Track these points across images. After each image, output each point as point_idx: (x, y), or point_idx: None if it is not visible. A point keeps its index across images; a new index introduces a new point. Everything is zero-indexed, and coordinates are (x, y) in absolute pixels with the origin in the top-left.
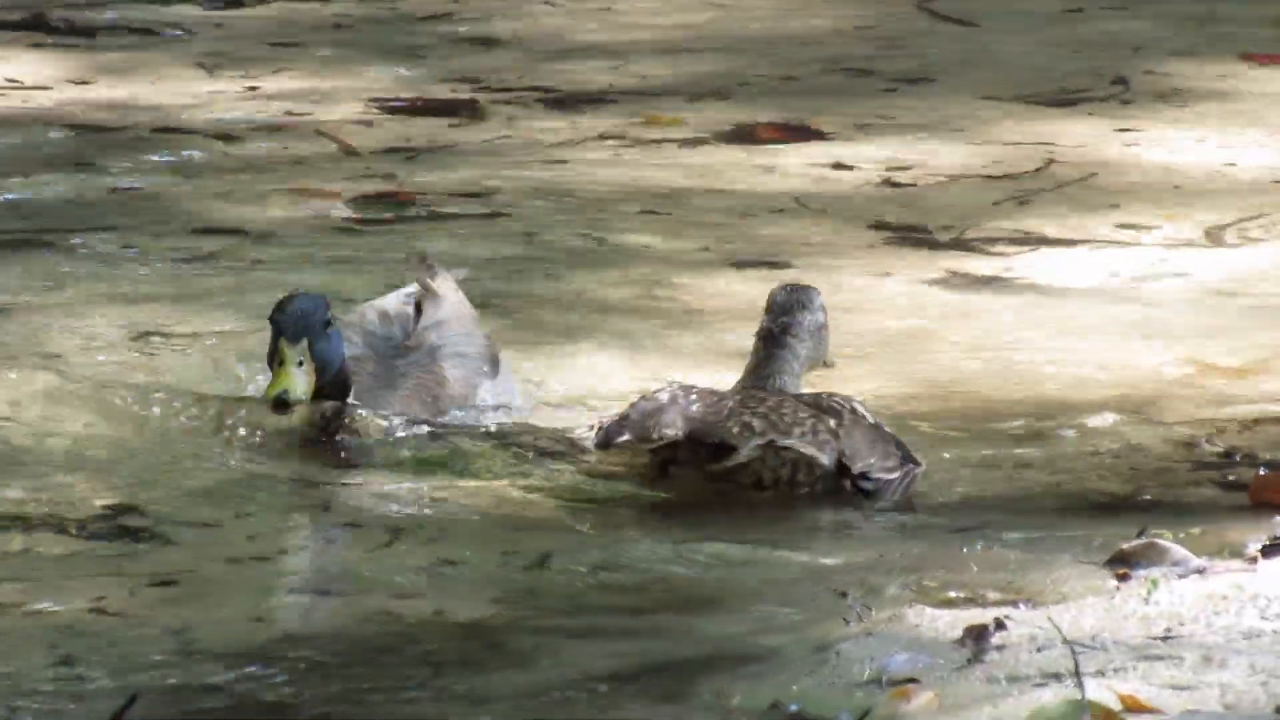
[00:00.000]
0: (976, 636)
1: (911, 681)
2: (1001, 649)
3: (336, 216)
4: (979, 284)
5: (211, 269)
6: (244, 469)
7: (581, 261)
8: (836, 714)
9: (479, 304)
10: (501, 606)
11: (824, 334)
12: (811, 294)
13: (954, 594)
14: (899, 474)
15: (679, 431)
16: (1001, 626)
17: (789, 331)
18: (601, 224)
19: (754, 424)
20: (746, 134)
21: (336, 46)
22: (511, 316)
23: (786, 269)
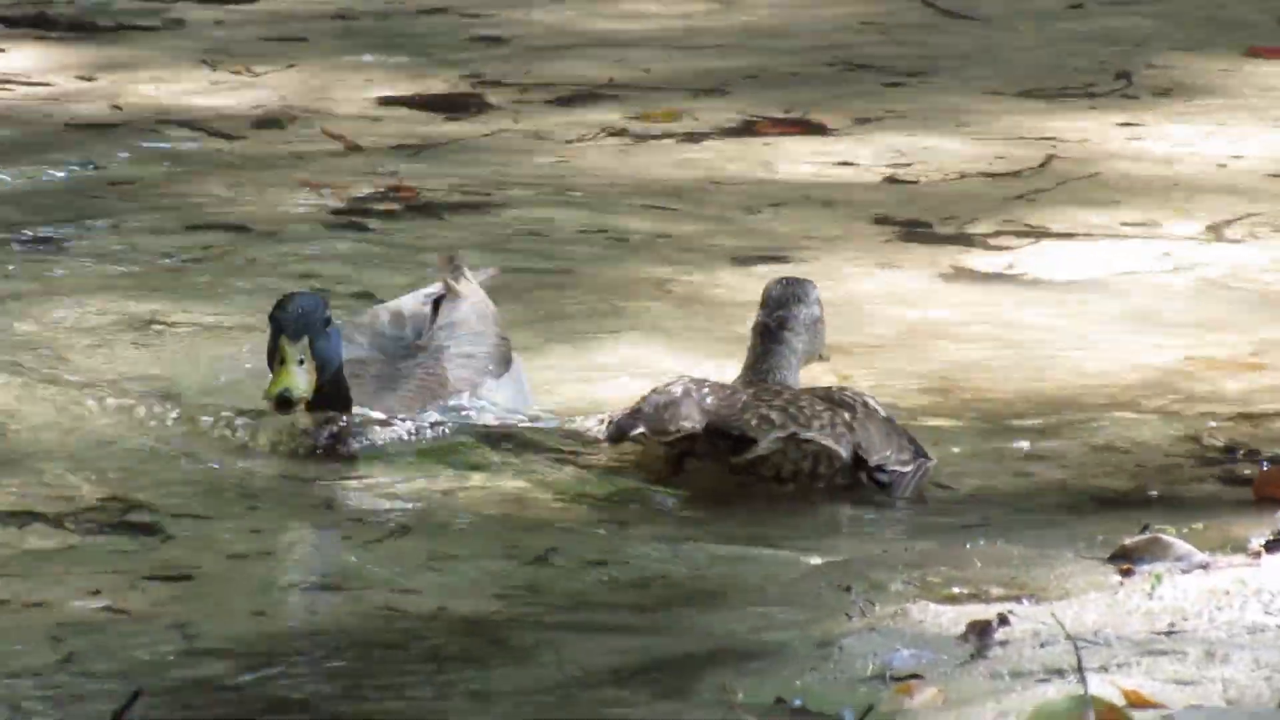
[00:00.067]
0: (980, 632)
1: (915, 677)
2: (1005, 644)
3: (337, 212)
4: (982, 279)
5: (212, 264)
6: (246, 465)
7: (584, 256)
8: (840, 710)
9: None
10: (504, 602)
11: (820, 328)
12: (807, 287)
13: (957, 590)
14: (912, 467)
15: (697, 424)
16: (1005, 622)
17: (785, 326)
18: (604, 219)
19: (773, 416)
20: (749, 129)
21: (339, 40)
22: (513, 311)
23: (789, 264)
